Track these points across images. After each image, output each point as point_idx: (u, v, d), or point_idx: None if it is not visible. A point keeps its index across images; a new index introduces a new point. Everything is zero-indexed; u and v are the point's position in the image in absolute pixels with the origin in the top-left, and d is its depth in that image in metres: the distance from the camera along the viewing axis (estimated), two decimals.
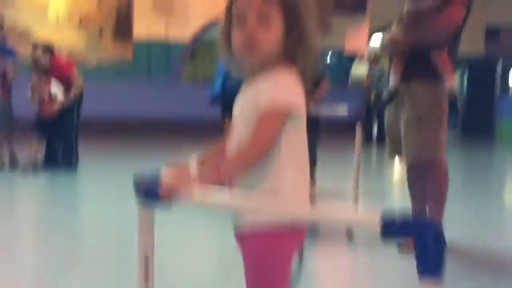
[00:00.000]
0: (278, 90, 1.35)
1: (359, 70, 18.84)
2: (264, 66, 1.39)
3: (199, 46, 12.95)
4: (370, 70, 10.73)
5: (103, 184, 5.69)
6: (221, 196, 1.23)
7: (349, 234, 3.70)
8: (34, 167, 6.31)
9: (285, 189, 1.37)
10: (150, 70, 12.11)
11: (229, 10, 1.41)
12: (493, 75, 13.68)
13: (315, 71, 1.42)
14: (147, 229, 1.30)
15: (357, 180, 3.73)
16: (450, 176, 3.44)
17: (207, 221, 3.83)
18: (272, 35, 1.37)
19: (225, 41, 1.43)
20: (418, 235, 0.98)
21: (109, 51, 11.79)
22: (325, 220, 1.10)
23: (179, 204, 1.22)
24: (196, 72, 14.55)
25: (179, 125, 11.29)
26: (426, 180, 3.45)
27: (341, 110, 4.01)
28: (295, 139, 1.41)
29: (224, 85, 4.99)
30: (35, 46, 6.60)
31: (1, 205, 4.85)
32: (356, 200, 3.83)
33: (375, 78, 10.47)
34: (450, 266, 3.21)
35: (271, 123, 1.34)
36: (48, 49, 6.55)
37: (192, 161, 1.49)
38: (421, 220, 0.99)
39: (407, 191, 3.58)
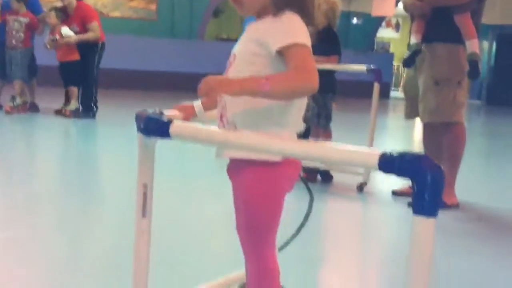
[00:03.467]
0: (288, 29, 1.31)
1: (385, 33, 18.55)
2: (257, 13, 1.38)
3: (223, 5, 12.80)
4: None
5: (120, 131, 5.76)
6: (213, 131, 1.21)
7: (360, 187, 3.75)
8: (56, 112, 6.48)
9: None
10: (173, 27, 12.04)
11: None
12: None
13: (312, 21, 1.38)
14: (146, 157, 1.30)
15: (372, 134, 3.74)
16: (471, 143, 3.39)
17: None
18: None
19: None
20: (416, 173, 0.96)
21: (134, 5, 11.72)
22: (324, 156, 1.08)
23: (176, 137, 1.21)
24: (219, 30, 14.45)
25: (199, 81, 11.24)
26: (441, 139, 3.41)
27: (359, 67, 3.93)
28: None
29: None
30: None
31: (23, 143, 5.02)
32: None
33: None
34: (459, 223, 3.23)
35: (311, 60, 1.28)
36: None
37: (195, 102, 1.52)
38: (420, 160, 0.97)
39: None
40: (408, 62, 3.51)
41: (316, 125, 4.00)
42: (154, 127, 1.23)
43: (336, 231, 3.08)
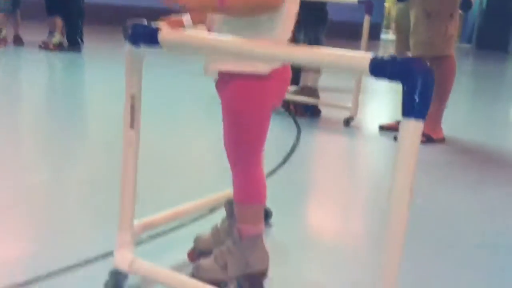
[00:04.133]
0: None
1: None
2: None
3: None
4: None
5: (107, 64, 5.68)
6: (203, 37, 1.19)
7: (347, 121, 3.76)
8: (41, 46, 6.29)
9: None
10: None
11: None
12: None
13: None
14: (134, 68, 1.28)
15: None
16: (460, 83, 3.39)
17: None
18: None
19: None
20: (407, 76, 0.95)
21: None
22: (315, 60, 1.07)
23: (165, 44, 1.18)
24: None
25: None
26: None
27: (350, 0, 3.85)
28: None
29: None
30: None
31: (6, 76, 4.90)
32: (357, 93, 3.81)
33: None
34: (444, 156, 3.27)
35: None
36: None
37: (185, 16, 1.48)
38: (411, 62, 0.96)
39: None
40: None
41: None
42: (143, 34, 1.20)
43: (323, 161, 3.11)
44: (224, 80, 1.41)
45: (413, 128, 0.95)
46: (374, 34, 12.86)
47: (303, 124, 3.73)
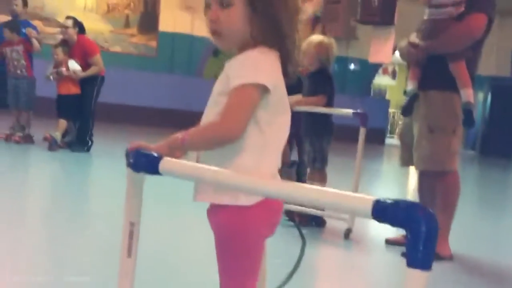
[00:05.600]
0: (247, 67, 1.29)
1: (382, 80, 18.75)
2: (238, 48, 1.35)
3: None
4: None
5: (114, 167, 5.71)
6: (202, 168, 1.18)
7: (347, 233, 3.65)
8: (50, 145, 6.30)
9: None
10: (173, 63, 12.15)
11: None
12: None
13: (295, 61, 1.37)
14: (134, 194, 1.26)
15: (357, 179, 3.68)
16: (465, 192, 3.35)
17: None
18: (232, 18, 1.32)
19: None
20: (411, 223, 0.93)
21: (134, 41, 11.86)
22: (315, 200, 1.05)
23: (165, 172, 1.18)
24: (218, 70, 14.59)
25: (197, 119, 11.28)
26: (436, 188, 3.38)
27: (345, 111, 3.88)
28: (268, 121, 1.32)
29: None
30: (67, 17, 6.69)
31: (14, 176, 4.91)
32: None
33: None
34: (453, 275, 3.16)
35: (240, 104, 1.26)
36: (78, 23, 6.59)
37: None
38: (415, 208, 0.94)
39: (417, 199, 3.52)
40: (406, 110, 3.51)
41: (312, 168, 3.98)
42: (144, 163, 1.20)
43: (326, 277, 3.01)
44: (213, 208, 1.38)
45: (417, 279, 0.91)
46: (379, 139, 13.06)
47: (306, 235, 3.65)
